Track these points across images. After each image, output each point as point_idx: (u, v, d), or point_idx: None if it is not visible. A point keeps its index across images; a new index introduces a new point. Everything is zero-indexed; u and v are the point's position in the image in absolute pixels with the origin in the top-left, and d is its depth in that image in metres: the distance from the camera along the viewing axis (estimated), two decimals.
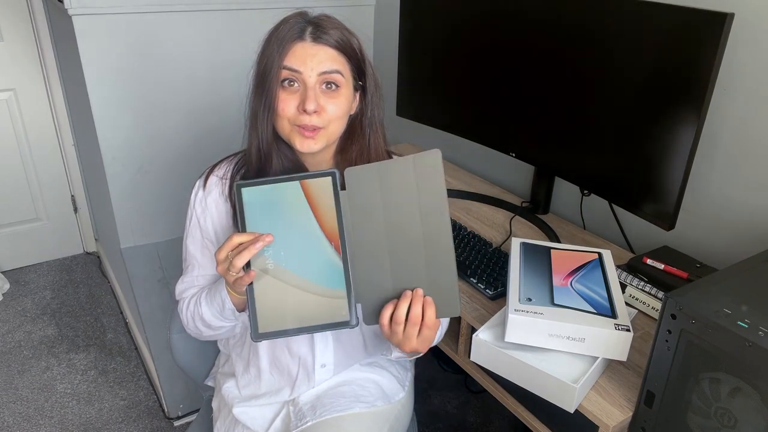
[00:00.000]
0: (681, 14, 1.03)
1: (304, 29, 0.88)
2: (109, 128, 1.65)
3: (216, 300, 0.94)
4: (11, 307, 2.41)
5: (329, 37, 0.88)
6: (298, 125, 0.90)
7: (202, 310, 0.97)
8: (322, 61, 0.88)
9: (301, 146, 0.91)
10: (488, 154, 1.62)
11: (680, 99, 1.05)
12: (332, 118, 0.90)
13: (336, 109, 0.90)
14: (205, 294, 0.98)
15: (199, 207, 1.00)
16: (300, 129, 0.90)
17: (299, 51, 0.87)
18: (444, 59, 1.54)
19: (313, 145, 0.91)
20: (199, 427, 1.25)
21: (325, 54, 0.88)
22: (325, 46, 0.88)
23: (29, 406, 1.92)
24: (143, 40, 1.62)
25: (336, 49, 0.89)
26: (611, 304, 0.97)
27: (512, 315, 0.93)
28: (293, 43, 0.88)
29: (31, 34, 2.33)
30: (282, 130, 0.92)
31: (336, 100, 0.90)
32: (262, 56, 0.90)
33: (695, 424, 0.78)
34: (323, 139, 0.92)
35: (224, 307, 0.93)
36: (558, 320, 0.92)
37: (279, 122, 0.91)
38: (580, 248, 1.15)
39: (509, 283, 1.02)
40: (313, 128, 0.89)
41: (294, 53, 0.87)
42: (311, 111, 0.87)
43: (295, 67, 0.87)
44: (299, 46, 0.88)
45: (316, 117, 0.88)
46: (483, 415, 1.91)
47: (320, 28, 0.88)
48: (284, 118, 0.90)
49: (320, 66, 0.88)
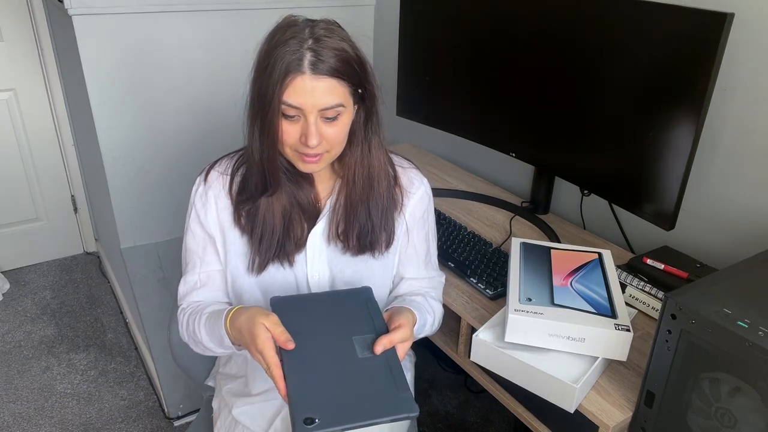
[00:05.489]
0: (681, 14, 1.03)
1: (302, 59, 0.84)
2: (109, 128, 1.65)
3: (215, 333, 0.94)
4: (11, 307, 2.41)
5: (328, 66, 0.85)
6: (300, 152, 0.90)
7: (201, 336, 0.97)
8: (322, 96, 0.86)
9: (305, 169, 0.93)
10: (488, 154, 1.62)
11: (680, 99, 1.05)
12: (334, 143, 0.91)
13: (338, 135, 0.90)
14: (204, 321, 0.97)
15: (200, 201, 1.00)
16: (302, 156, 0.91)
17: (299, 86, 0.85)
18: (444, 59, 1.54)
19: (315, 168, 0.93)
20: (199, 427, 1.25)
21: (325, 87, 0.86)
22: (324, 78, 0.85)
23: (29, 406, 1.92)
24: (143, 40, 1.62)
25: (336, 78, 0.86)
26: (611, 304, 0.97)
27: (512, 315, 0.93)
28: (292, 78, 0.84)
29: (31, 34, 2.33)
30: (284, 154, 0.93)
31: (337, 127, 0.90)
32: (259, 80, 0.88)
33: (695, 424, 0.78)
34: (326, 161, 0.94)
35: (223, 342, 0.93)
36: (558, 320, 0.92)
37: (281, 148, 0.92)
38: (580, 248, 1.15)
39: (509, 283, 1.02)
40: (317, 155, 0.90)
41: (294, 89, 0.85)
42: (314, 146, 0.88)
43: (295, 104, 0.86)
44: (299, 80, 0.85)
45: (318, 147, 0.89)
46: (483, 415, 1.91)
47: (318, 55, 0.85)
48: (286, 145, 0.90)
49: (320, 102, 0.86)
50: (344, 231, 0.98)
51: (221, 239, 1.00)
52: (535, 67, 1.31)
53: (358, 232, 0.98)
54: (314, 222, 0.99)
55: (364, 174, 0.96)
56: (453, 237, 1.33)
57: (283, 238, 0.97)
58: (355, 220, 0.98)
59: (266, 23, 0.91)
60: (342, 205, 0.98)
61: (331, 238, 0.99)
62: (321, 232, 0.99)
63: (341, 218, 0.98)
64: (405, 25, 1.63)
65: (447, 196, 1.58)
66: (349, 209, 0.98)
